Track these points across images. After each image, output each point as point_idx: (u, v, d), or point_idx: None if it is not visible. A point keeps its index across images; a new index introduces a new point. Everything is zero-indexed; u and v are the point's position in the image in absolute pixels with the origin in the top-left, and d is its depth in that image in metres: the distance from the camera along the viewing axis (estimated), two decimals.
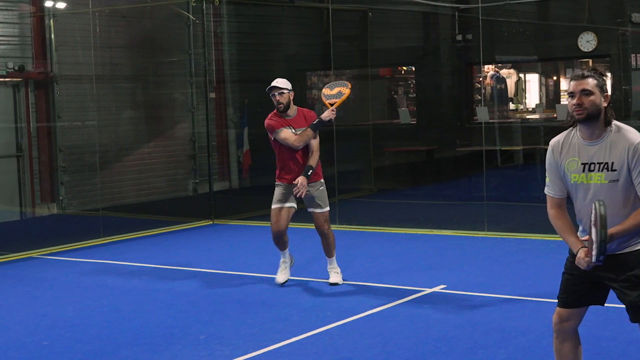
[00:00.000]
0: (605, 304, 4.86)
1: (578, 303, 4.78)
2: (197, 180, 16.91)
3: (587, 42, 15.10)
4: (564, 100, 19.89)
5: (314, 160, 8.46)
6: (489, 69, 19.14)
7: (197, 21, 15.90)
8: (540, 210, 5.10)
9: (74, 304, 8.47)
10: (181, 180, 16.88)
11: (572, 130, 4.72)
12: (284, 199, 8.54)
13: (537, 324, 7.07)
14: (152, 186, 16.30)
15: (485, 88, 19.08)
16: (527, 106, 20.21)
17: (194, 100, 16.68)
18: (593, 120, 4.58)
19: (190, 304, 8.25)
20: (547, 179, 4.83)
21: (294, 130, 8.46)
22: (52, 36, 14.92)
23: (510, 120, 18.68)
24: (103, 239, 12.18)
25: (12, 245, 11.70)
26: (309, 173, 8.39)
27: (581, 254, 4.57)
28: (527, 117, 19.32)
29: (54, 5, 15.02)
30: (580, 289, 4.75)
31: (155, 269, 10.14)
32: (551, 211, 4.82)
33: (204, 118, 15.57)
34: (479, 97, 18.43)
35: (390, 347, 6.63)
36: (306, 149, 8.49)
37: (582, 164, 4.63)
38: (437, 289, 8.49)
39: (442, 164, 18.15)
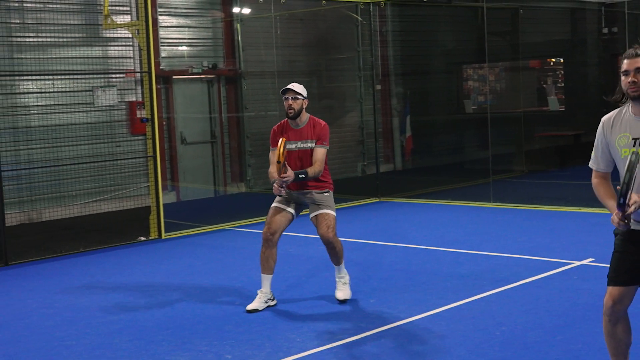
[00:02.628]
0: None
1: (630, 281, 4.35)
2: (365, 163, 16.99)
3: None
4: None
5: (312, 170, 6.90)
6: None
7: (365, 22, 15.91)
8: None
9: (260, 269, 8.64)
10: (351, 162, 16.99)
11: (623, 107, 4.36)
12: (284, 202, 7.18)
13: None
14: None
15: None
16: None
17: (362, 92, 16.74)
18: None
19: (359, 271, 8.29)
20: (592, 154, 4.51)
21: (294, 145, 7.03)
22: (240, 38, 15.26)
23: None
24: None
25: (208, 219, 12.07)
26: (300, 176, 6.83)
27: (614, 216, 4.21)
28: None
29: (240, 11, 15.37)
30: (632, 267, 4.35)
31: None
32: (594, 180, 4.52)
33: (371, 107, 15.59)
34: None
35: (542, 314, 6.46)
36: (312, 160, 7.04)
37: (633, 138, 4.23)
38: (585, 261, 8.21)
39: (589, 147, 17.50)
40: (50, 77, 12.29)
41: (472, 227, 10.75)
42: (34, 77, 12.21)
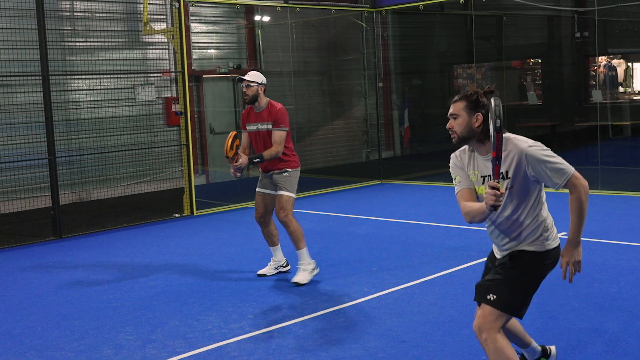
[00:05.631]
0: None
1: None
2: (369, 150, 16.95)
3: None
4: None
5: (268, 151, 6.58)
6: (602, 60, 18.18)
7: (368, 28, 15.81)
8: None
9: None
10: (356, 149, 16.96)
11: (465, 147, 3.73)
12: (261, 186, 6.95)
13: None
14: (335, 154, 16.46)
15: (599, 75, 18.14)
16: (634, 89, 19.12)
17: (367, 89, 16.66)
18: (467, 141, 3.59)
19: (364, 243, 8.30)
20: (455, 180, 3.73)
21: (255, 126, 6.76)
22: (260, 42, 15.22)
23: (620, 100, 17.72)
24: (299, 194, 12.36)
25: (234, 198, 12.07)
26: (255, 160, 6.56)
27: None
28: (634, 97, 18.28)
29: (261, 19, 15.31)
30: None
31: (338, 217, 10.25)
32: (464, 205, 3.66)
33: (374, 102, 15.53)
34: (594, 83, 17.57)
35: None
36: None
37: (481, 176, 3.66)
38: (561, 234, 8.16)
39: (563, 136, 17.44)
40: (97, 76, 12.30)
41: None
42: (83, 77, 12.23)
